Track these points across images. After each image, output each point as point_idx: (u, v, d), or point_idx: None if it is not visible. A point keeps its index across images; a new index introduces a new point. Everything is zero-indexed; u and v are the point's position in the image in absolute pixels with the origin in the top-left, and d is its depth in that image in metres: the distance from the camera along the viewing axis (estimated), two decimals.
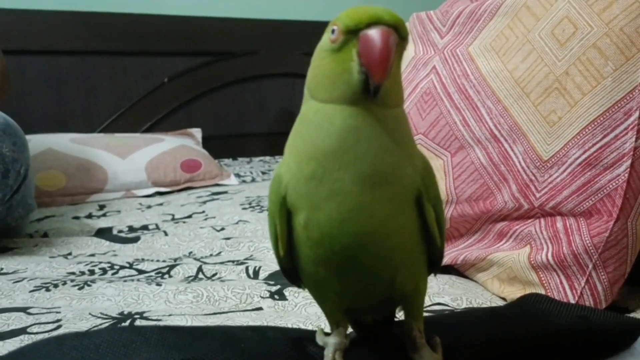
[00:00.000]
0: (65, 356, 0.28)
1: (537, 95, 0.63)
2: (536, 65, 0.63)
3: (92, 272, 0.80)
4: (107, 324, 0.59)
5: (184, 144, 1.61)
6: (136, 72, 1.87)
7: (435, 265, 0.36)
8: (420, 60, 0.79)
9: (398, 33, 0.30)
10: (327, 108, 0.31)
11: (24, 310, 0.64)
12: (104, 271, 0.81)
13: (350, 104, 0.30)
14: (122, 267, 0.82)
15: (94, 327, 0.59)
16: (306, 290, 0.37)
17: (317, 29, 2.06)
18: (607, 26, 0.58)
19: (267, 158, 2.00)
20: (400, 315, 0.38)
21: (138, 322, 0.59)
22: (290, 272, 0.36)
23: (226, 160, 1.91)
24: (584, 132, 0.59)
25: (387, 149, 0.30)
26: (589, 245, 0.58)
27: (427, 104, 0.75)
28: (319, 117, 0.32)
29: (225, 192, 1.43)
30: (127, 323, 0.59)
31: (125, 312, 0.63)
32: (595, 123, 0.58)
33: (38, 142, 1.39)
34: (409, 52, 0.82)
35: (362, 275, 0.32)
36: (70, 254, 0.92)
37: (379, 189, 0.30)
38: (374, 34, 0.29)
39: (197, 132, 1.86)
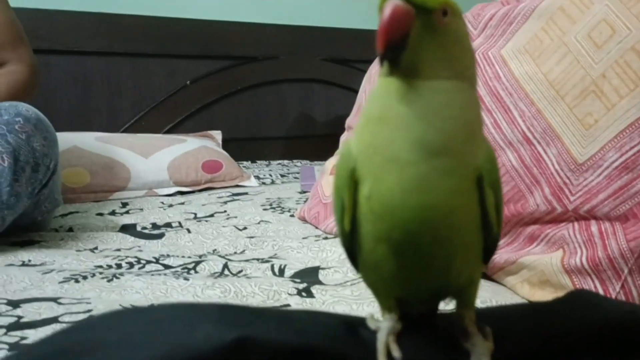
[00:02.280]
0: (127, 329, 0.28)
1: (572, 98, 0.63)
2: (572, 68, 0.63)
3: (119, 266, 0.81)
4: None
5: (205, 145, 1.62)
6: (159, 74, 1.89)
7: (489, 255, 0.35)
8: None
9: (417, 5, 0.30)
10: (383, 80, 0.33)
11: (54, 300, 0.64)
12: (131, 265, 0.81)
13: (390, 76, 0.32)
14: (148, 262, 0.83)
15: None
16: (359, 275, 0.37)
17: (336, 35, 2.08)
18: None
19: (286, 162, 2.00)
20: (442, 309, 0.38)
21: None
22: (352, 252, 0.36)
23: (245, 163, 1.92)
24: (621, 135, 0.59)
25: (442, 120, 0.31)
26: (625, 249, 0.57)
27: None
28: (378, 89, 0.33)
29: (246, 193, 1.44)
30: None
31: (156, 305, 0.63)
32: (633, 126, 0.58)
33: (64, 140, 1.41)
34: None
35: (421, 256, 0.32)
36: (96, 248, 0.93)
37: (436, 159, 0.30)
38: (384, 9, 0.30)
39: (218, 135, 1.87)
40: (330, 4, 2.18)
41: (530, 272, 0.66)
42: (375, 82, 0.36)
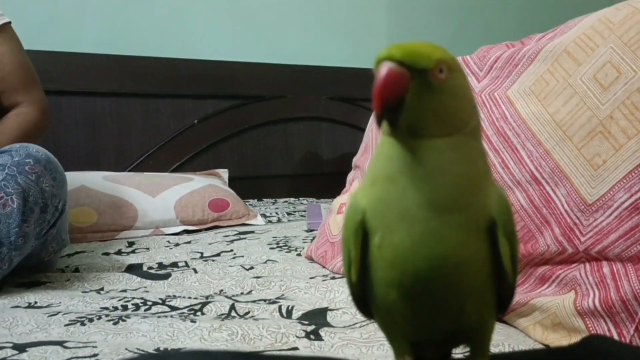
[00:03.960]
0: None
1: (580, 139, 0.63)
2: (579, 109, 0.64)
3: (125, 308, 0.80)
4: None
5: (212, 184, 1.63)
6: (168, 113, 1.92)
7: (506, 304, 0.35)
8: None
9: (411, 66, 0.30)
10: (386, 139, 0.33)
11: (60, 344, 0.64)
12: (137, 307, 0.81)
13: (393, 137, 0.32)
14: (154, 303, 0.82)
15: None
16: (373, 322, 0.37)
17: (342, 74, 2.11)
18: None
19: (292, 199, 2.01)
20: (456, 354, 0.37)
21: None
22: (360, 300, 0.36)
23: (251, 201, 1.92)
24: (630, 176, 0.59)
25: (448, 176, 0.31)
26: (638, 291, 0.56)
27: None
28: (382, 147, 0.34)
29: (252, 232, 1.43)
30: None
31: (162, 349, 0.62)
32: None
33: (72, 179, 1.41)
34: None
35: (432, 302, 0.32)
36: (102, 289, 0.92)
37: (447, 215, 0.31)
38: (378, 71, 0.30)
39: (224, 173, 1.88)
40: (335, 44, 2.23)
41: (542, 315, 0.65)
42: (378, 139, 0.36)
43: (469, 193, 0.32)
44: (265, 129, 2.08)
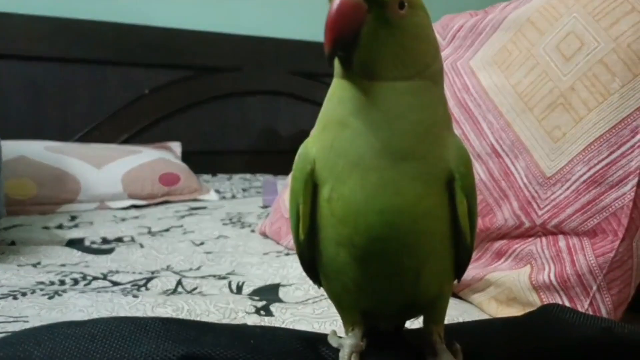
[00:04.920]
0: (58, 345, 0.25)
1: (540, 110, 0.62)
2: (540, 80, 0.62)
3: (62, 282, 0.75)
4: None
5: (163, 157, 1.56)
6: (117, 82, 1.82)
7: (462, 270, 0.33)
8: None
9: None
10: (338, 81, 0.30)
11: None
12: (76, 281, 0.76)
13: (346, 78, 0.29)
14: (95, 278, 0.77)
15: None
16: (321, 288, 0.34)
17: (303, 48, 2.06)
18: (614, 42, 0.57)
19: (248, 176, 1.96)
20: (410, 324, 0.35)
21: None
22: (309, 262, 0.33)
23: (205, 176, 1.86)
24: (589, 149, 0.58)
25: (406, 122, 0.28)
26: (594, 265, 0.56)
27: None
28: (334, 89, 0.31)
29: (205, 208, 1.38)
30: None
31: (92, 319, 0.58)
32: (601, 140, 0.57)
33: (10, 149, 1.33)
34: None
35: (386, 265, 0.29)
36: (39, 263, 0.86)
37: (404, 163, 0.28)
38: (332, 2, 0.27)
39: (177, 146, 1.81)
40: (297, 16, 2.16)
41: (497, 289, 0.64)
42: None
43: (427, 141, 0.29)
44: (221, 102, 2.01)
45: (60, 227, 1.15)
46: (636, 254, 0.56)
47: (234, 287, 0.74)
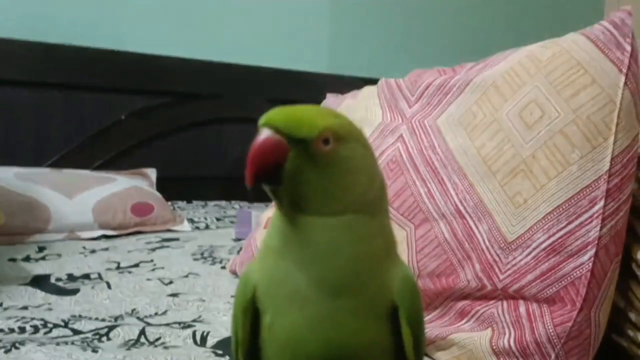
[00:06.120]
0: None
1: (503, 175, 0.63)
2: (503, 145, 0.63)
3: (22, 330, 0.73)
4: None
5: (136, 185, 1.55)
6: (93, 107, 1.80)
7: None
8: (387, 127, 0.78)
9: (290, 136, 0.28)
10: (277, 210, 0.31)
11: None
12: (36, 329, 0.74)
13: (279, 209, 0.30)
14: (56, 326, 0.75)
15: None
16: None
17: (282, 76, 2.05)
18: (574, 113, 0.59)
19: (223, 203, 1.95)
20: None
21: None
22: None
23: (180, 203, 1.85)
24: (549, 217, 0.59)
25: (340, 258, 0.28)
26: (552, 334, 0.56)
27: (393, 173, 0.74)
28: (273, 216, 0.31)
29: (177, 239, 1.37)
30: None
31: None
32: (561, 209, 0.58)
33: None
34: (377, 117, 0.81)
35: None
36: (1, 304, 0.84)
37: (340, 298, 0.28)
38: (257, 137, 0.28)
39: (152, 173, 1.79)
40: (276, 45, 2.17)
41: (460, 351, 0.64)
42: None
43: (364, 275, 0.29)
44: (199, 129, 2.01)
45: (27, 259, 1.13)
46: (594, 324, 0.57)
47: (198, 338, 0.73)
